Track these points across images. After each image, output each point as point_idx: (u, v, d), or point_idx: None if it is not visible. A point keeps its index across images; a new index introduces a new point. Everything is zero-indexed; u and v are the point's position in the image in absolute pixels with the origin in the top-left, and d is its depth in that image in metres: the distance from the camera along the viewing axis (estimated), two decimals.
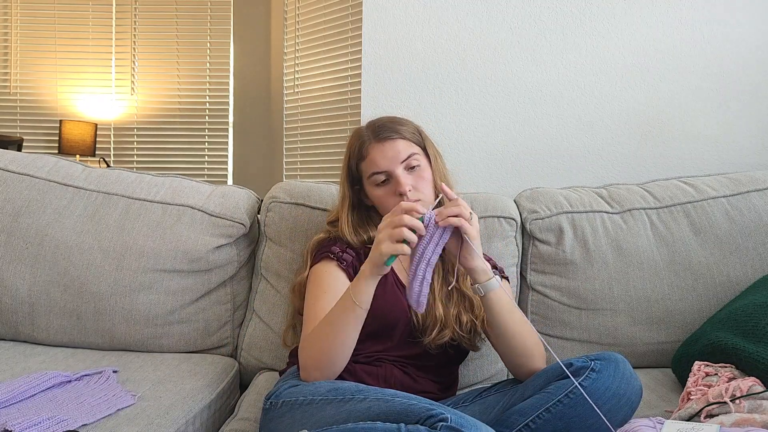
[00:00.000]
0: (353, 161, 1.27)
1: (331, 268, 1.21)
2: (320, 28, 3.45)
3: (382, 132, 1.23)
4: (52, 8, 4.00)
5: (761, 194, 1.54)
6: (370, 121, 1.30)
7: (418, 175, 1.21)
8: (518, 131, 1.91)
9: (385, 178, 1.21)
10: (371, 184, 1.24)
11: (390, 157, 1.20)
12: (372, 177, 1.22)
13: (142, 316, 1.46)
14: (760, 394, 1.02)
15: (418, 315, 1.19)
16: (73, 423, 1.01)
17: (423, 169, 1.23)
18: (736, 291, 1.46)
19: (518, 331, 1.11)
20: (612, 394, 0.97)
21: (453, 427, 0.81)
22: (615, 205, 1.56)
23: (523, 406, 1.02)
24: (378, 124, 1.26)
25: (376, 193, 1.24)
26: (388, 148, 1.21)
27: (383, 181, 1.22)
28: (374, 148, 1.22)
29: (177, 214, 1.51)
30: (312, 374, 1.08)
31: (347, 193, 1.29)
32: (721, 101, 1.87)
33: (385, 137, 1.22)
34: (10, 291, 1.46)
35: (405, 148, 1.22)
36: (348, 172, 1.29)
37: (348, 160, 1.29)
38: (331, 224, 1.33)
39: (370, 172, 1.23)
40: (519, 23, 1.89)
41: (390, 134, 1.22)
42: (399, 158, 1.20)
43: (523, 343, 1.12)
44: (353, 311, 1.03)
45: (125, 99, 4.06)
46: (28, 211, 1.49)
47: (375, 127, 1.25)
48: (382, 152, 1.21)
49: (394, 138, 1.22)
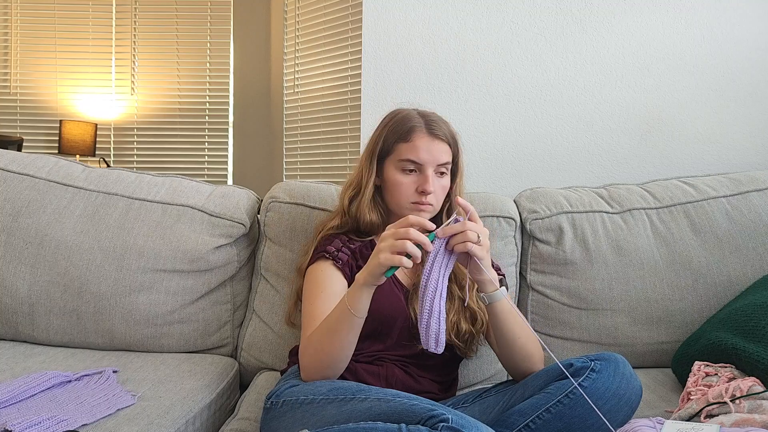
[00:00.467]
0: (392, 137, 1.24)
1: (327, 267, 1.22)
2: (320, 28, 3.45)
3: (436, 127, 1.22)
4: (52, 8, 4.00)
5: (761, 194, 1.54)
6: (419, 110, 1.28)
7: (441, 183, 1.23)
8: (518, 131, 1.91)
9: (414, 169, 1.21)
10: (397, 168, 1.22)
11: (433, 154, 1.20)
12: (403, 162, 1.21)
13: (142, 316, 1.46)
14: (760, 394, 1.02)
15: (416, 314, 1.19)
16: (73, 423, 1.01)
17: (446, 179, 1.24)
18: (736, 291, 1.46)
19: (520, 335, 1.12)
20: (612, 394, 0.97)
21: (454, 428, 0.81)
22: (615, 205, 1.56)
23: (523, 406, 1.02)
24: (432, 117, 1.25)
25: (397, 177, 1.22)
26: (435, 146, 1.21)
27: (410, 171, 1.21)
28: (423, 138, 1.21)
29: (177, 214, 1.51)
30: (312, 376, 1.09)
31: (373, 167, 1.26)
32: (721, 101, 1.87)
33: (436, 134, 1.22)
34: (10, 291, 1.46)
35: (446, 154, 1.23)
36: (382, 145, 1.25)
37: (385, 134, 1.25)
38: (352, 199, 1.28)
39: (405, 157, 1.21)
40: (519, 23, 1.89)
41: (441, 134, 1.22)
42: (438, 160, 1.21)
43: (525, 347, 1.12)
44: (350, 319, 1.03)
45: (125, 99, 4.06)
46: (28, 211, 1.49)
47: (428, 120, 1.24)
48: (428, 145, 1.20)
49: (442, 139, 1.22)
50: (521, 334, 1.12)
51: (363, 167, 1.27)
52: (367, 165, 1.26)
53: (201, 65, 4.05)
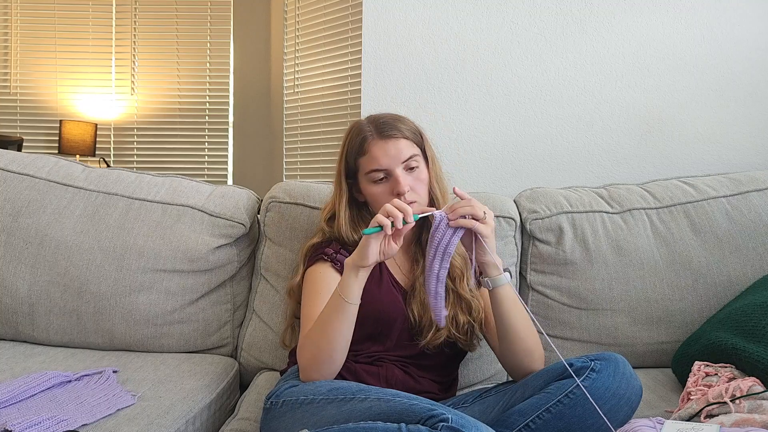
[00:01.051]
0: (352, 155, 1.24)
1: (326, 269, 1.21)
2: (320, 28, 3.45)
3: (386, 129, 1.20)
4: (52, 8, 4.00)
5: (761, 194, 1.54)
6: (371, 116, 1.27)
7: (416, 177, 1.20)
8: (518, 131, 1.91)
9: (384, 176, 1.20)
10: (368, 181, 1.21)
11: (392, 155, 1.18)
12: (370, 174, 1.20)
13: (142, 316, 1.46)
14: (760, 394, 1.02)
15: (415, 314, 1.19)
16: (73, 423, 1.01)
17: (421, 170, 1.21)
18: (736, 291, 1.46)
19: (522, 327, 1.11)
20: (612, 394, 0.97)
21: (454, 428, 0.82)
22: (615, 205, 1.56)
23: (523, 406, 1.02)
24: (381, 120, 1.23)
25: (371, 190, 1.21)
26: (391, 147, 1.19)
27: (381, 179, 1.20)
28: (376, 145, 1.19)
29: (177, 214, 1.51)
30: (311, 375, 1.08)
31: (344, 188, 1.27)
32: (721, 101, 1.87)
33: (388, 135, 1.19)
34: (10, 291, 1.46)
35: (407, 148, 1.20)
36: (345, 165, 1.26)
37: (345, 153, 1.25)
38: (329, 221, 1.29)
39: (369, 169, 1.20)
40: (519, 23, 1.89)
41: (393, 132, 1.20)
42: (400, 158, 1.19)
43: (526, 341, 1.12)
44: (343, 307, 1.04)
45: (125, 99, 4.06)
46: (28, 211, 1.49)
47: (378, 123, 1.22)
48: (384, 150, 1.19)
49: (397, 137, 1.20)
50: (523, 326, 1.11)
51: (334, 190, 1.29)
52: (338, 187, 1.27)
53: (201, 65, 4.05)
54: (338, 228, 1.25)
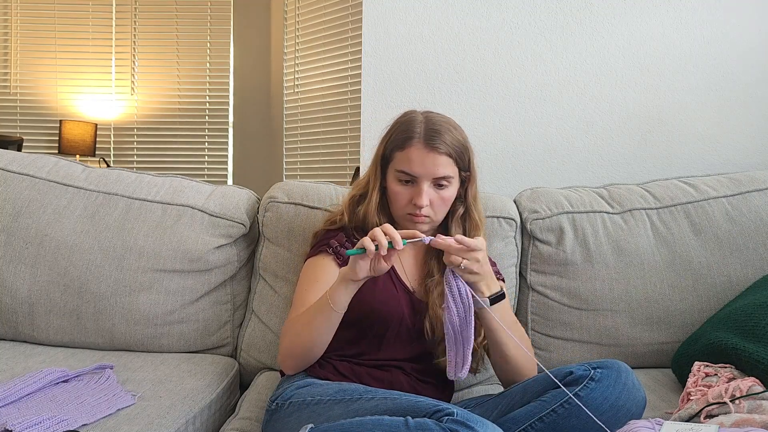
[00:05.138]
0: (391, 144, 1.20)
1: (328, 262, 1.22)
2: (320, 28, 3.46)
3: (434, 138, 1.15)
4: (52, 8, 4.01)
5: (761, 194, 1.54)
6: (427, 114, 1.21)
7: (440, 195, 1.17)
8: (518, 131, 1.91)
9: (410, 180, 1.17)
10: (394, 177, 1.19)
11: (427, 167, 1.14)
12: (398, 172, 1.18)
13: (142, 316, 1.46)
14: (760, 394, 1.02)
15: (413, 317, 1.19)
16: (73, 423, 1.01)
17: (448, 190, 1.18)
18: (736, 291, 1.46)
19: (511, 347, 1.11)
20: (610, 405, 0.95)
21: (459, 421, 0.83)
22: (615, 205, 1.56)
23: (517, 414, 1.00)
24: (436, 126, 1.17)
25: (394, 186, 1.19)
26: (430, 159, 1.14)
27: (407, 182, 1.18)
28: (417, 149, 1.15)
29: (177, 214, 1.51)
30: (286, 362, 1.14)
31: (378, 172, 1.23)
32: (721, 101, 1.87)
33: (433, 146, 1.14)
34: (10, 291, 1.46)
35: (444, 166, 1.15)
36: (383, 151, 1.22)
37: (387, 141, 1.21)
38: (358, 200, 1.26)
39: (400, 168, 1.17)
40: (519, 23, 1.89)
41: (439, 145, 1.14)
42: (434, 174, 1.15)
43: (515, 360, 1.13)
44: (328, 312, 1.06)
45: (125, 99, 4.07)
46: (28, 211, 1.49)
47: (429, 127, 1.17)
48: (422, 158, 1.14)
49: (440, 151, 1.14)
50: (512, 346, 1.11)
51: (370, 172, 1.25)
52: (374, 170, 1.24)
53: (201, 65, 4.05)
54: (366, 209, 1.23)
